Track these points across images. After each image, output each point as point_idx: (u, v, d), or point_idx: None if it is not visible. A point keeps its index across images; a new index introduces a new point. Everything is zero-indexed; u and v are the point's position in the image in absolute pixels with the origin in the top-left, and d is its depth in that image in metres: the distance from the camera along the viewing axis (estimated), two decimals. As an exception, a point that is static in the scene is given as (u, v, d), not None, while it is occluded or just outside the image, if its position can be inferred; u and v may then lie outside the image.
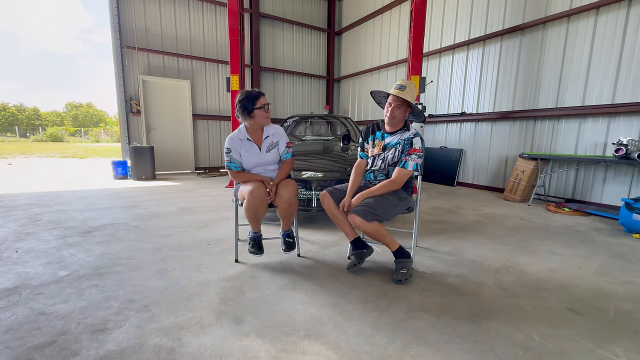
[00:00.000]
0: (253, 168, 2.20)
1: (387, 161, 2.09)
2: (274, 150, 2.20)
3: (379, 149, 2.12)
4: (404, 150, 2.03)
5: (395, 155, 2.06)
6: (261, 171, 2.21)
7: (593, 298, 1.81)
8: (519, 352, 1.34)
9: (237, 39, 5.27)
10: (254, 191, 1.95)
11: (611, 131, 4.00)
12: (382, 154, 2.11)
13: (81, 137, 36.36)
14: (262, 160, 2.18)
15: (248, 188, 1.97)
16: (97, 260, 2.22)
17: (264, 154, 2.18)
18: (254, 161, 2.17)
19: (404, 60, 6.93)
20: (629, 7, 3.79)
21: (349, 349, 1.33)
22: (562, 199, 4.58)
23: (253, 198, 1.95)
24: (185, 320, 1.52)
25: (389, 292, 1.83)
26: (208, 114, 7.75)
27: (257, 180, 2.07)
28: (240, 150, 2.14)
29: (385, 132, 2.12)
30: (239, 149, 2.13)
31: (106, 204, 4.01)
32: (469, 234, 2.98)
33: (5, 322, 1.48)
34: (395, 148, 2.06)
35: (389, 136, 2.10)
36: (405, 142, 2.03)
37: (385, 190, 2.01)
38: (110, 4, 6.34)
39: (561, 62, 4.43)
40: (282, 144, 2.22)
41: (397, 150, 2.05)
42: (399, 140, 2.05)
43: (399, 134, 2.07)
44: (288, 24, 8.73)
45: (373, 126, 2.21)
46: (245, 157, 2.16)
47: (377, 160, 2.13)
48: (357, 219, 1.89)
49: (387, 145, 2.09)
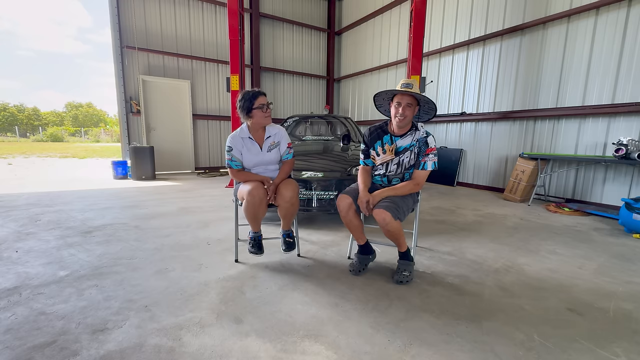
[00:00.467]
0: (254, 167, 2.21)
1: (403, 165, 1.99)
2: (275, 150, 2.20)
3: (390, 154, 2.00)
4: (420, 152, 1.95)
5: (412, 157, 1.97)
6: (261, 170, 2.21)
7: (593, 298, 1.81)
8: (519, 352, 1.34)
9: (237, 39, 5.27)
10: (252, 191, 1.95)
11: (611, 131, 4.00)
12: (395, 158, 2.00)
13: (81, 137, 36.36)
14: (263, 159, 2.19)
15: (247, 188, 1.97)
16: (97, 260, 2.22)
17: (265, 154, 2.18)
18: (254, 160, 2.17)
19: (404, 60, 6.93)
20: (629, 7, 3.79)
21: (349, 349, 1.33)
22: (562, 199, 4.58)
23: (252, 198, 1.95)
24: (185, 320, 1.52)
25: (389, 292, 1.83)
26: (208, 114, 7.75)
27: (256, 180, 2.07)
28: (241, 149, 2.14)
29: (395, 134, 1.99)
30: (241, 147, 2.13)
31: (106, 204, 4.01)
32: (469, 234, 2.98)
33: (5, 322, 1.48)
34: (411, 151, 1.96)
35: (400, 139, 1.98)
36: (421, 143, 1.94)
37: (407, 191, 1.94)
38: (110, 4, 6.34)
39: (561, 62, 4.43)
40: (283, 144, 2.22)
41: (414, 153, 1.96)
42: (413, 142, 1.95)
43: (410, 135, 1.97)
44: (288, 23, 8.73)
45: (378, 131, 2.05)
46: (247, 155, 2.16)
47: (391, 165, 2.02)
48: (386, 215, 1.78)
49: (399, 148, 1.98)
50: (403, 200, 1.92)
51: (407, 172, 2.01)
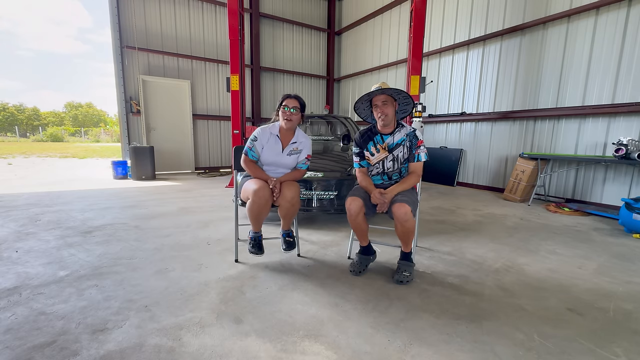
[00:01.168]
0: (268, 165, 2.22)
1: (399, 160, 2.07)
2: (294, 156, 2.22)
3: (384, 152, 2.09)
4: (412, 145, 2.04)
5: (405, 152, 2.05)
6: (271, 169, 2.22)
7: (593, 298, 1.81)
8: (519, 352, 1.34)
9: (237, 39, 5.27)
10: (258, 191, 1.96)
11: (611, 131, 4.00)
12: (389, 155, 2.09)
13: (81, 137, 36.37)
14: (280, 161, 2.20)
15: (253, 187, 1.98)
16: (97, 260, 2.22)
17: (284, 156, 2.20)
18: (271, 159, 2.19)
19: (404, 60, 6.94)
20: (629, 7, 3.79)
21: (349, 349, 1.33)
22: (562, 199, 4.58)
23: (258, 198, 1.96)
24: (185, 320, 1.52)
25: (389, 292, 1.83)
26: (208, 114, 7.75)
27: (263, 178, 2.08)
28: (265, 143, 2.16)
29: (384, 133, 2.09)
30: (265, 142, 2.16)
31: (106, 204, 4.01)
32: (469, 234, 2.98)
33: (5, 322, 1.47)
34: (403, 145, 2.05)
35: (389, 136, 2.08)
36: (411, 137, 2.04)
37: (412, 183, 2.03)
38: (110, 4, 6.34)
39: (561, 62, 4.43)
40: (304, 153, 2.24)
41: (406, 147, 2.05)
42: (403, 137, 2.05)
43: (398, 132, 2.06)
44: (288, 23, 8.73)
45: (368, 133, 2.15)
46: (266, 151, 2.17)
47: (387, 162, 2.10)
48: (407, 209, 1.81)
49: (391, 145, 2.07)
50: (413, 194, 2.01)
51: (403, 167, 2.09)
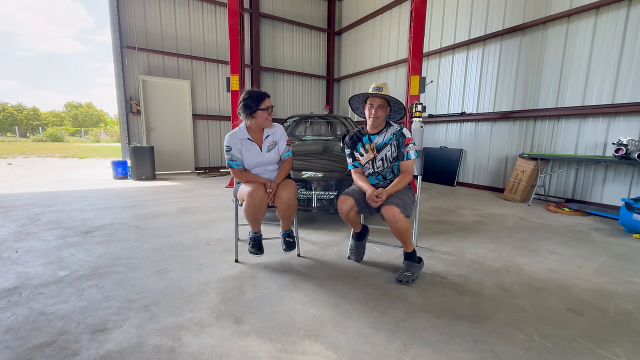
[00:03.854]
0: (253, 168, 2.20)
1: (388, 159, 2.12)
2: (274, 150, 2.19)
3: (372, 152, 2.15)
4: (399, 144, 2.08)
5: (393, 150, 2.10)
6: (261, 171, 2.20)
7: (593, 298, 1.81)
8: (519, 352, 1.34)
9: (237, 39, 5.27)
10: (253, 192, 1.95)
11: (611, 131, 4.00)
12: (378, 155, 2.14)
13: (81, 137, 36.37)
14: (263, 160, 2.18)
15: (247, 189, 1.97)
16: (97, 260, 2.22)
17: (265, 154, 2.17)
18: (254, 161, 2.16)
19: (404, 60, 6.93)
20: (629, 7, 3.79)
21: (349, 349, 1.33)
22: (562, 199, 4.58)
23: (252, 200, 1.95)
24: (185, 320, 1.52)
25: (389, 292, 1.83)
26: (208, 114, 7.75)
27: (258, 181, 2.06)
28: (240, 149, 2.12)
29: (371, 134, 2.14)
30: (240, 147, 2.12)
31: (106, 204, 4.01)
32: (469, 234, 2.98)
33: (5, 322, 1.48)
34: (390, 144, 2.10)
35: (376, 137, 2.13)
36: (398, 135, 2.09)
37: (404, 183, 2.06)
38: (110, 4, 6.34)
39: (561, 62, 4.43)
40: (282, 142, 2.21)
41: (393, 146, 2.10)
42: (390, 136, 2.10)
43: (385, 132, 2.11)
44: (288, 24, 8.73)
45: (357, 135, 2.21)
46: (247, 156, 2.14)
47: (377, 162, 2.15)
48: (395, 211, 1.85)
49: (379, 145, 2.12)
50: (405, 194, 2.04)
51: (394, 165, 2.14)
